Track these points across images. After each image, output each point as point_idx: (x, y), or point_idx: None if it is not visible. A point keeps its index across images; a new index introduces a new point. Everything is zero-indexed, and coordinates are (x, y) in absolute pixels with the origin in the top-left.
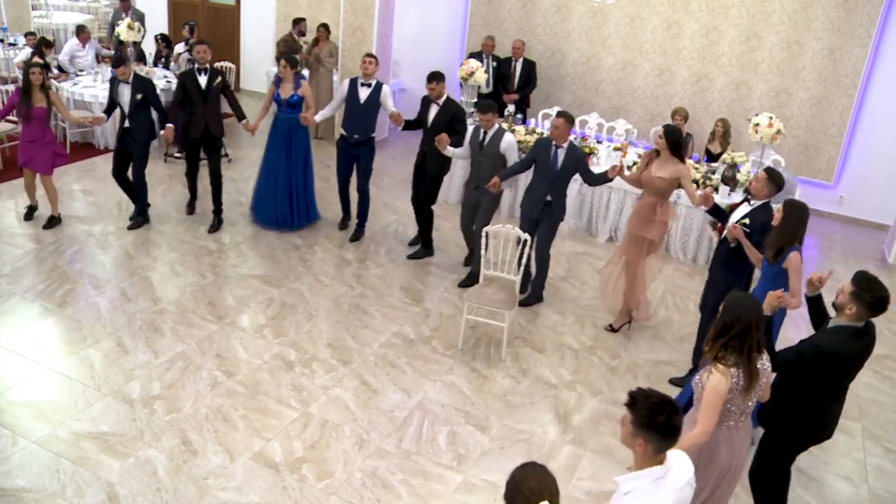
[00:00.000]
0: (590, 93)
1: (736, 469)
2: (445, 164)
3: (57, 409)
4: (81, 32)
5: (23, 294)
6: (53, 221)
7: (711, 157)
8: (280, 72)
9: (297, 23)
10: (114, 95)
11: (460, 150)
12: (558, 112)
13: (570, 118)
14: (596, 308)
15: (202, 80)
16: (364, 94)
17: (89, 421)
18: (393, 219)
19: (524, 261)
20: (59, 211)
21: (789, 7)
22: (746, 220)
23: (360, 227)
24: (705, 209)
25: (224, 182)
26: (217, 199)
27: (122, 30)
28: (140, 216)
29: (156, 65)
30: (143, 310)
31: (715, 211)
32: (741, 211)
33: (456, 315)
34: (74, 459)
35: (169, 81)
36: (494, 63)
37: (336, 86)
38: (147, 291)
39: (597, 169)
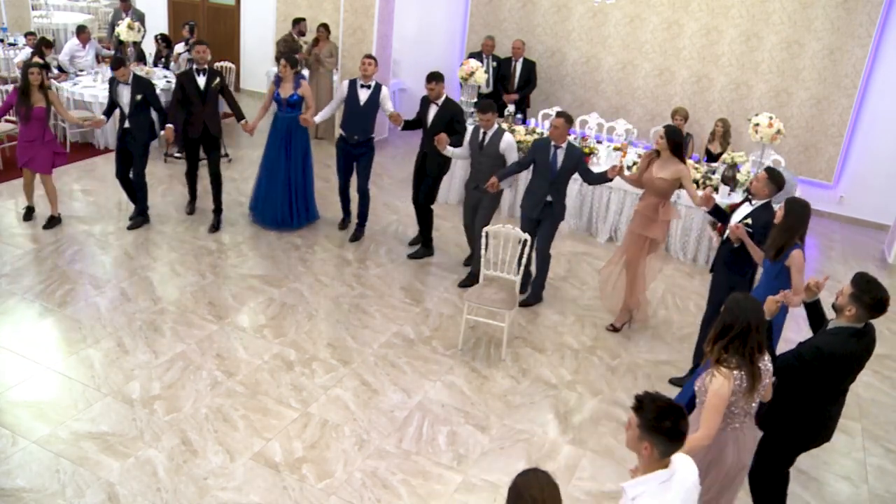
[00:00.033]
0: (590, 93)
1: (741, 470)
2: (445, 164)
3: (57, 409)
4: (82, 32)
5: (22, 294)
6: (53, 221)
7: (711, 157)
8: (280, 71)
9: (297, 23)
10: (113, 96)
11: (460, 150)
12: (557, 112)
13: (569, 118)
14: (596, 308)
15: (201, 80)
16: (364, 96)
17: (89, 421)
18: (393, 219)
19: (524, 261)
20: (58, 211)
21: (789, 7)
22: (748, 221)
23: (360, 227)
24: (706, 210)
25: (224, 182)
26: (217, 198)
27: (122, 30)
28: (140, 216)
29: (156, 65)
30: (143, 310)
31: (716, 211)
32: (743, 211)
33: (456, 315)
34: (74, 459)
35: (169, 81)
36: (494, 63)
37: (336, 86)
38: (147, 291)
39: (597, 169)
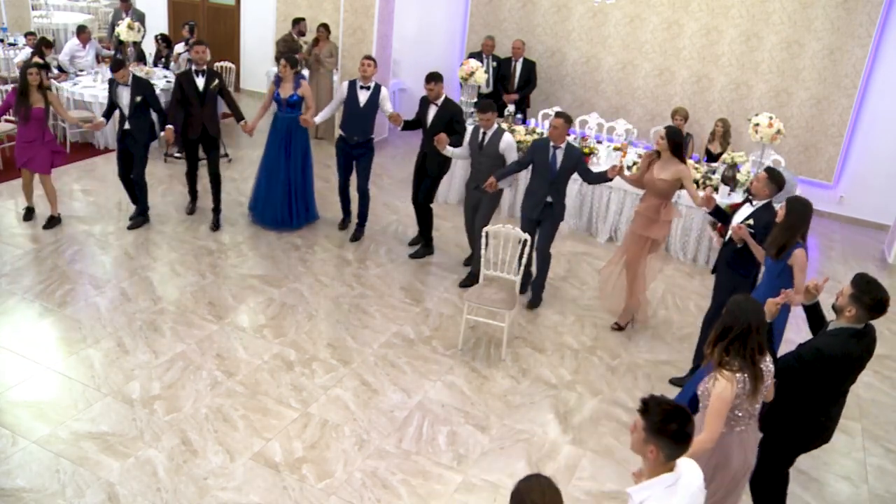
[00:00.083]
0: (590, 93)
1: (747, 471)
2: (445, 163)
3: (57, 409)
4: (82, 33)
5: (22, 294)
6: (53, 221)
7: (711, 157)
8: (280, 71)
9: (297, 22)
10: (113, 97)
11: (460, 149)
12: (557, 112)
13: (568, 119)
14: (596, 308)
15: (200, 81)
16: (363, 97)
17: (89, 421)
18: (393, 219)
19: (524, 261)
20: (58, 211)
21: (789, 7)
22: (750, 221)
23: (360, 227)
24: (707, 211)
25: (224, 182)
26: (216, 197)
27: (122, 30)
28: (140, 216)
29: (156, 65)
30: (143, 310)
31: (717, 212)
32: (744, 212)
33: (456, 315)
34: (74, 459)
35: (169, 81)
36: (494, 63)
37: (336, 86)
38: (147, 291)
39: (597, 169)
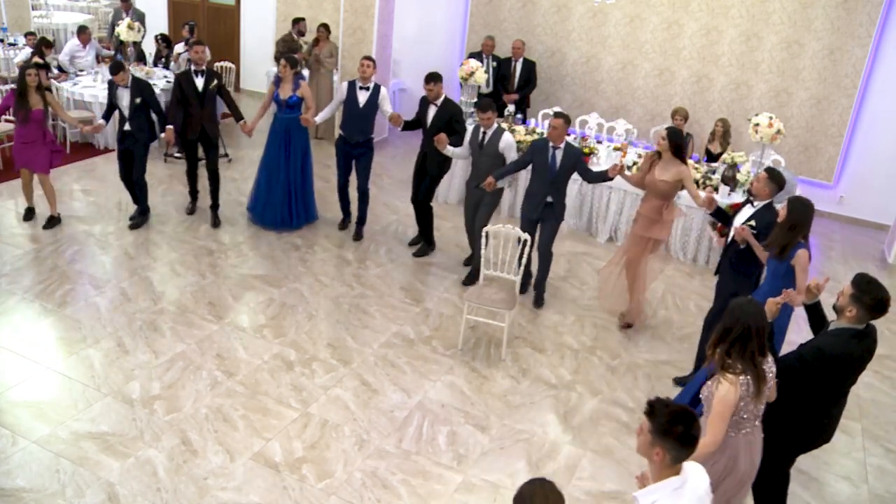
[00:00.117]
0: (590, 93)
1: (752, 473)
2: (445, 163)
3: (57, 409)
4: (82, 33)
5: (22, 294)
6: (53, 221)
7: (711, 157)
8: (280, 72)
9: (297, 22)
10: (112, 99)
11: (460, 149)
12: (556, 113)
13: (567, 119)
14: (596, 308)
15: (199, 82)
16: (363, 98)
17: (89, 421)
18: (393, 219)
19: (524, 261)
20: (57, 211)
21: (789, 7)
22: (752, 222)
23: (360, 227)
24: (709, 212)
25: (224, 182)
26: (214, 195)
27: (123, 30)
28: (141, 216)
29: (156, 65)
30: (143, 310)
31: (718, 213)
32: (745, 213)
33: (456, 315)
34: (74, 459)
35: (169, 81)
36: (494, 63)
37: (336, 86)
38: (147, 291)
39: (597, 169)
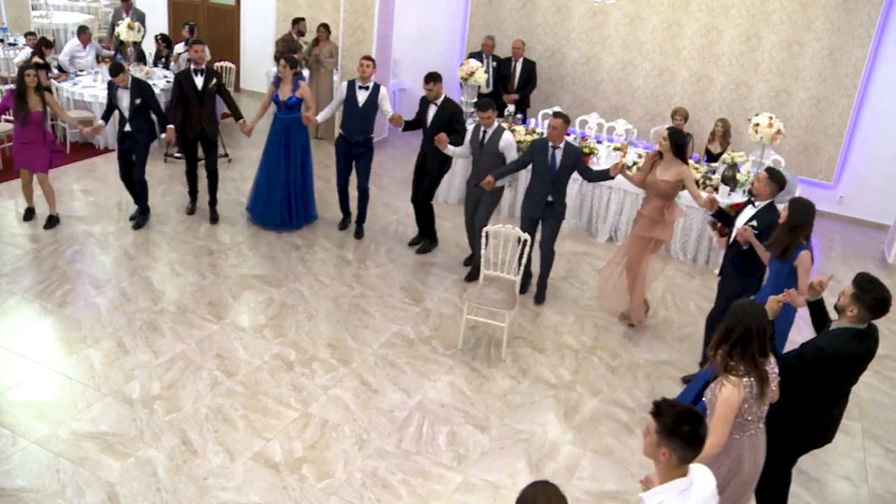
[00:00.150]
0: (590, 93)
1: (757, 475)
2: (445, 163)
3: (57, 409)
4: (83, 33)
5: (22, 294)
6: (52, 221)
7: (711, 157)
8: (280, 72)
9: (297, 22)
10: (112, 100)
11: (460, 148)
12: (555, 113)
13: (567, 119)
14: (596, 308)
15: (199, 81)
16: (362, 97)
17: (89, 421)
18: (393, 219)
19: (524, 261)
20: (56, 210)
21: (789, 7)
22: (754, 223)
23: (360, 225)
24: (710, 213)
25: (224, 182)
26: (212, 191)
27: (123, 30)
28: (142, 215)
29: (156, 65)
30: (143, 310)
31: (719, 214)
32: (747, 213)
33: (456, 315)
34: (74, 459)
35: (169, 81)
36: (494, 63)
37: (336, 86)
38: (147, 291)
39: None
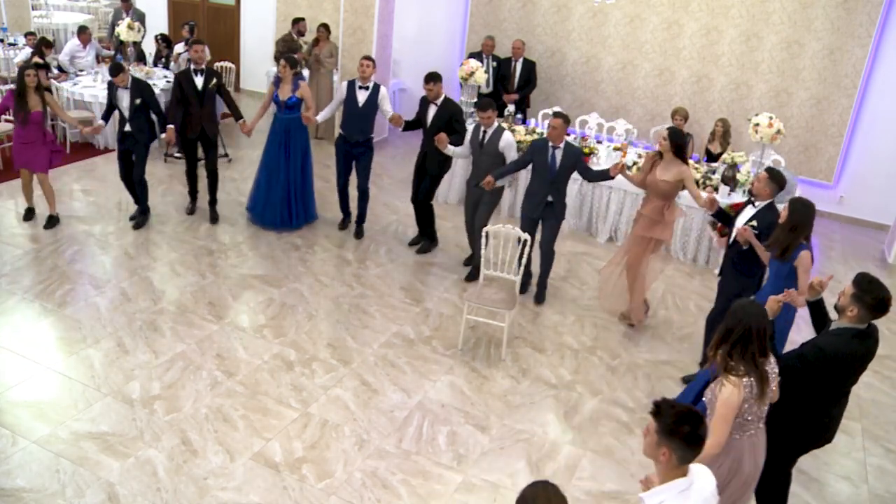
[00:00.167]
0: (590, 93)
1: (757, 475)
2: (445, 162)
3: (57, 409)
4: (83, 33)
5: (22, 294)
6: (52, 221)
7: (711, 157)
8: (279, 72)
9: (297, 22)
10: (112, 100)
11: (461, 148)
12: (555, 113)
13: (567, 119)
14: (596, 308)
15: (199, 80)
16: (362, 97)
17: (89, 421)
18: (393, 219)
19: (524, 261)
20: (56, 210)
21: (789, 7)
22: (754, 223)
23: (360, 225)
24: (710, 213)
25: (224, 182)
26: (212, 191)
27: (123, 30)
28: (142, 215)
29: (156, 65)
30: (143, 310)
31: (719, 214)
32: (747, 213)
33: (456, 315)
34: (74, 459)
35: (169, 81)
36: (494, 63)
37: (336, 86)
38: (147, 291)
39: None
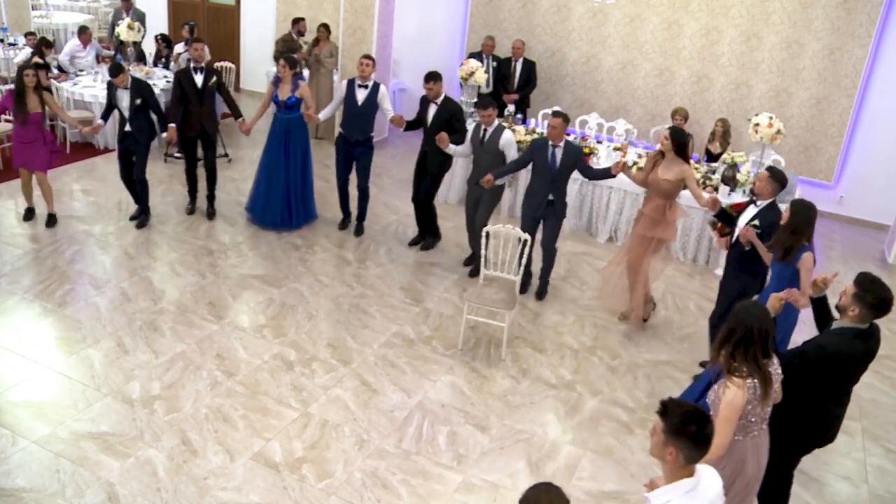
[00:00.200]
0: (590, 93)
1: (760, 476)
2: (446, 162)
3: (57, 409)
4: (83, 33)
5: (23, 294)
6: (51, 220)
7: (711, 157)
8: (279, 72)
9: (297, 22)
10: (112, 100)
11: (461, 147)
12: (554, 112)
13: (566, 118)
14: (596, 308)
15: (198, 79)
16: (362, 96)
17: (89, 421)
18: (393, 219)
19: (524, 261)
20: (54, 209)
21: (789, 7)
22: (756, 222)
23: (361, 223)
24: (713, 214)
25: (224, 182)
26: (211, 188)
27: (123, 30)
28: (143, 215)
29: (156, 65)
30: (143, 310)
31: (721, 214)
32: (749, 213)
33: (456, 315)
34: (74, 459)
35: (169, 81)
36: (494, 63)
37: (336, 86)
38: (147, 291)
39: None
